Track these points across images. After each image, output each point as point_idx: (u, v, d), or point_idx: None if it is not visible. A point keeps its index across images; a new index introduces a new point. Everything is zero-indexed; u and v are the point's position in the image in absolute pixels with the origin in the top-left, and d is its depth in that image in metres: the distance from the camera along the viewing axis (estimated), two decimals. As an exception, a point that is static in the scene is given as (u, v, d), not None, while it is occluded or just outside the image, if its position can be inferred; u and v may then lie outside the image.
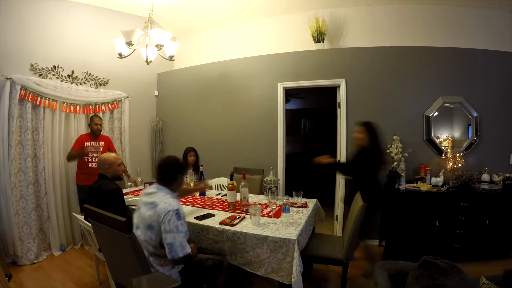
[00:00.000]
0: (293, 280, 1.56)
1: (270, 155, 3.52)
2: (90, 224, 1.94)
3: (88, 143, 3.02)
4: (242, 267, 1.78)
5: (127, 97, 3.73)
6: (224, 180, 3.31)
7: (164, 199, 1.58)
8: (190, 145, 3.28)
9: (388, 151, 3.00)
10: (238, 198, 2.34)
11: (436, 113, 3.07)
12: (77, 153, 2.92)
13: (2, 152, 2.60)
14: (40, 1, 2.93)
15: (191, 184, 2.73)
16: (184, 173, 1.78)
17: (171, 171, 1.70)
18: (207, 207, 2.34)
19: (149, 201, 1.60)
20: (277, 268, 1.66)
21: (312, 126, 6.34)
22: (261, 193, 2.95)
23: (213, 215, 2.09)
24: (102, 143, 3.12)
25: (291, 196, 2.47)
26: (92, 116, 3.16)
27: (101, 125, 3.13)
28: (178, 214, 1.52)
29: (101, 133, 3.18)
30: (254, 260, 1.73)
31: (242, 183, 2.34)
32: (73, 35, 3.22)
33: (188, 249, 1.53)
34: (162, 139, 4.23)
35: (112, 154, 2.34)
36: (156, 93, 4.33)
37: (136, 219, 1.66)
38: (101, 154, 2.72)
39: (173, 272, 1.60)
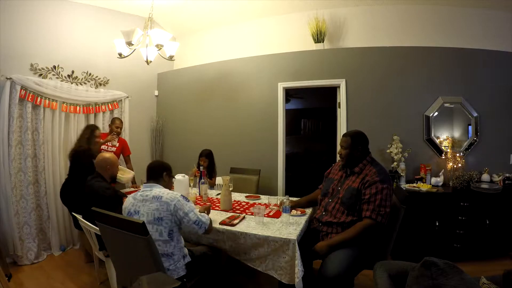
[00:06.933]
0: (296, 280, 1.57)
1: (270, 155, 3.52)
2: (89, 224, 1.94)
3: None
4: (244, 262, 1.80)
5: (127, 97, 3.73)
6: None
7: (164, 190, 1.66)
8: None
9: (388, 151, 3.01)
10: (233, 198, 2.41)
11: (436, 113, 3.07)
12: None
13: (2, 152, 2.60)
14: (40, 1, 2.93)
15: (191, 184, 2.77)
16: (171, 173, 1.85)
17: (158, 170, 1.80)
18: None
19: (150, 196, 1.60)
20: (277, 266, 1.67)
21: (312, 126, 6.34)
22: (257, 193, 2.98)
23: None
24: (117, 144, 3.23)
25: (291, 196, 2.47)
26: (114, 118, 3.32)
27: (121, 128, 3.27)
28: (185, 197, 1.66)
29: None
30: (255, 257, 1.75)
31: (202, 180, 2.60)
32: (73, 35, 3.22)
33: (207, 216, 1.73)
34: (162, 139, 4.23)
35: (114, 155, 2.36)
36: (156, 93, 4.33)
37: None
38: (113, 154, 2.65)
39: (180, 265, 1.62)
